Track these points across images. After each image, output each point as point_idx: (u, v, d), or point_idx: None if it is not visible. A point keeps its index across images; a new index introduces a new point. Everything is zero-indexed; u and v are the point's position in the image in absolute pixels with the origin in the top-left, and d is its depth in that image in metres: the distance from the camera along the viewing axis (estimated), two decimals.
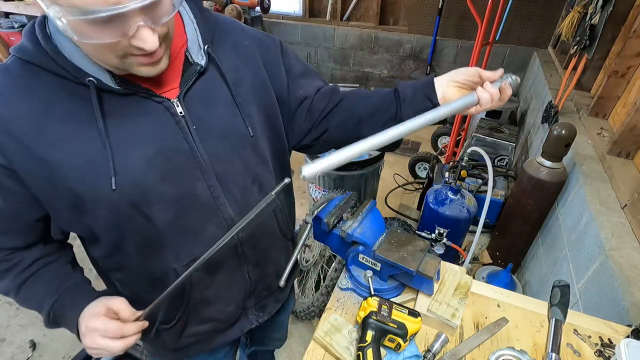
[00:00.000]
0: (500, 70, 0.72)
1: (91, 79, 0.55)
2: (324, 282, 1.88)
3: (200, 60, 0.65)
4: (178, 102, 0.63)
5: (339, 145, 0.79)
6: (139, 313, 0.69)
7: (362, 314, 0.76)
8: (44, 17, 0.57)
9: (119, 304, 0.68)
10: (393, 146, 0.76)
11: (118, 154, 0.59)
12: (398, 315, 0.74)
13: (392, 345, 0.75)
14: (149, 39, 0.50)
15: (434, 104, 0.72)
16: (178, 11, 0.67)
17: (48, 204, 0.62)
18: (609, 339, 0.82)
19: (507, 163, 2.62)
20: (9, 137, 0.55)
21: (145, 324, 0.70)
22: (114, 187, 0.59)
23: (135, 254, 0.70)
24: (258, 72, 0.73)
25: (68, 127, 0.57)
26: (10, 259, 0.69)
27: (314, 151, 0.90)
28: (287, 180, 0.68)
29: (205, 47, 0.65)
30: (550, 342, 0.78)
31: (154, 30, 0.51)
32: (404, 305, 0.78)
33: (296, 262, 0.85)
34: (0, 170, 0.58)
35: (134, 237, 0.67)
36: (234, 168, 0.71)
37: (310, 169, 0.54)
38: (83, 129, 0.57)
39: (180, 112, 0.63)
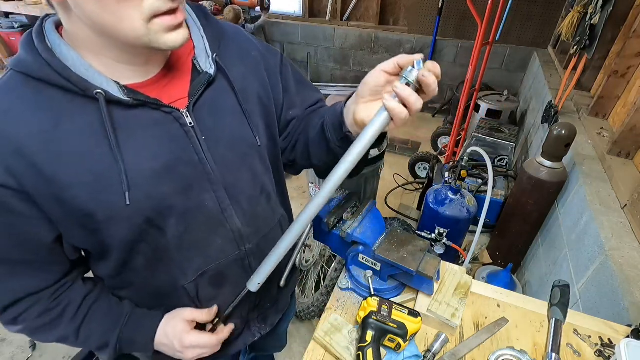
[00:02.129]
0: (411, 57, 0.55)
1: (99, 91, 0.53)
2: (324, 282, 1.88)
3: (209, 69, 0.64)
4: (187, 113, 0.61)
5: (309, 166, 0.82)
6: (212, 312, 0.76)
7: (362, 314, 0.76)
8: (41, 27, 0.55)
9: (190, 313, 0.73)
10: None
11: (130, 168, 0.57)
12: (398, 315, 0.74)
13: (392, 345, 0.75)
14: None
15: (345, 134, 0.65)
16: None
17: (59, 224, 0.59)
18: (609, 339, 0.82)
19: (507, 163, 2.62)
20: (19, 158, 0.52)
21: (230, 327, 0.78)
22: (128, 203, 0.57)
23: (144, 270, 0.69)
24: (262, 83, 0.73)
25: (78, 143, 0.54)
26: (58, 303, 0.66)
27: (292, 171, 0.90)
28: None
29: (214, 56, 0.64)
30: (550, 342, 0.78)
31: None
32: (404, 305, 0.77)
33: (294, 265, 0.85)
34: (14, 194, 0.53)
35: (145, 252, 0.66)
36: (242, 178, 0.70)
37: (254, 281, 0.67)
38: (94, 144, 0.55)
39: (190, 123, 0.61)
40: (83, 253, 0.69)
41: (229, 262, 0.74)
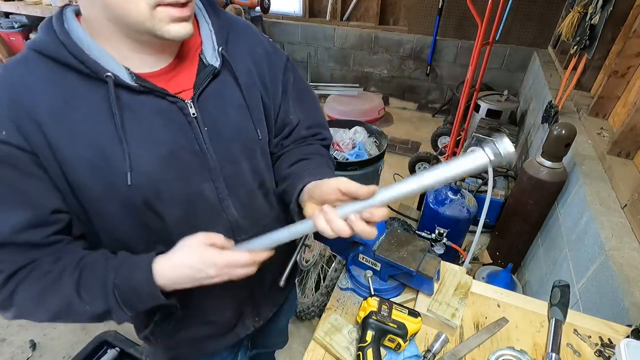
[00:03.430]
0: (368, 189, 0.55)
1: (109, 74, 0.55)
2: (324, 282, 1.88)
3: (215, 62, 0.65)
4: (192, 104, 0.63)
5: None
6: (230, 241, 0.65)
7: (362, 314, 0.76)
8: (61, 12, 0.58)
9: (204, 236, 0.61)
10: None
11: (133, 150, 0.59)
12: (398, 315, 0.74)
13: (392, 345, 0.75)
14: None
15: (295, 215, 0.70)
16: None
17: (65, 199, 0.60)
18: (609, 339, 0.82)
19: (507, 163, 2.62)
20: (31, 122, 0.55)
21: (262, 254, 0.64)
22: (129, 183, 0.59)
23: (144, 251, 0.68)
24: (263, 80, 0.74)
25: (85, 121, 0.57)
26: (56, 262, 0.61)
27: None
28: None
29: (220, 49, 0.66)
30: (550, 342, 0.78)
31: None
32: (404, 305, 0.78)
33: (295, 263, 0.85)
34: (25, 154, 0.56)
35: (144, 234, 0.67)
36: (242, 171, 0.71)
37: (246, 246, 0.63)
38: (100, 123, 0.57)
39: (193, 114, 0.63)
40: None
41: None
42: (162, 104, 0.61)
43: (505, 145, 0.45)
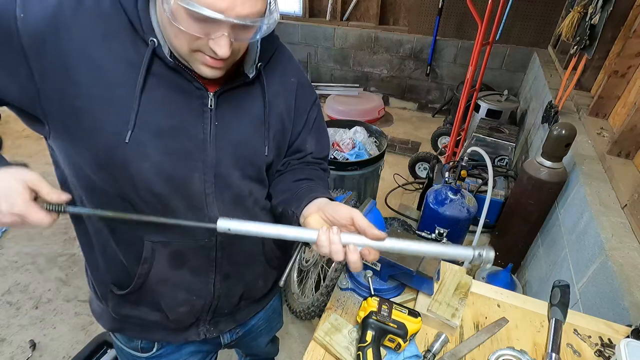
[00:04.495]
0: (378, 234, 0.60)
1: (154, 39, 0.59)
2: (324, 282, 1.88)
3: (250, 73, 0.69)
4: (213, 97, 0.66)
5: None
6: (62, 197, 0.60)
7: (362, 314, 0.76)
8: None
9: (38, 179, 0.59)
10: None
11: (142, 112, 0.61)
12: (398, 315, 0.74)
13: (392, 345, 0.75)
14: (224, 48, 0.56)
15: (295, 215, 0.72)
16: None
17: (41, 94, 0.59)
18: (609, 339, 0.82)
19: (507, 163, 2.62)
20: (54, 36, 0.56)
21: (51, 218, 0.59)
22: (127, 141, 0.60)
23: (108, 206, 0.66)
24: (289, 107, 0.77)
25: (112, 62, 0.59)
26: None
27: None
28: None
29: (258, 65, 0.70)
30: (550, 342, 0.78)
31: (231, 44, 0.57)
32: (404, 305, 0.78)
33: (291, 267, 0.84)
34: (19, 47, 0.56)
35: (114, 193, 0.66)
36: (234, 175, 0.72)
37: (225, 223, 0.60)
38: (125, 71, 0.60)
39: (211, 106, 0.66)
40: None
41: (196, 246, 0.74)
42: (187, 86, 0.64)
43: (489, 256, 0.58)
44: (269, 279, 0.92)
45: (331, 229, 0.60)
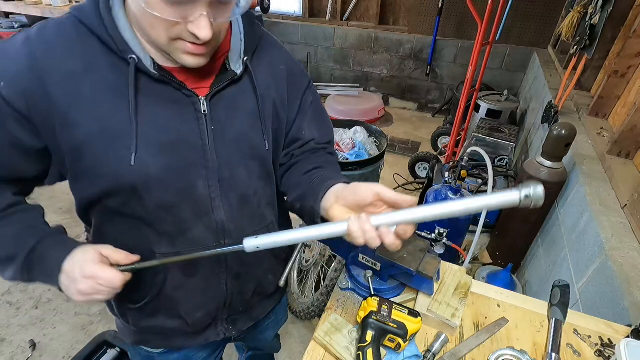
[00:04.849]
0: (411, 199, 0.56)
1: (133, 56, 0.58)
2: (324, 282, 1.88)
3: (237, 69, 0.68)
4: (205, 101, 0.65)
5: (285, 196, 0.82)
6: (132, 258, 0.66)
7: (362, 314, 0.76)
8: None
9: (107, 248, 0.65)
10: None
11: (141, 133, 0.61)
12: (398, 315, 0.74)
13: (392, 345, 0.75)
14: (205, 29, 0.54)
15: (315, 211, 0.68)
16: (230, 21, 0.68)
17: (54, 152, 0.63)
18: (609, 339, 0.82)
19: (507, 163, 2.62)
20: (39, 85, 0.57)
21: (122, 276, 0.64)
22: (132, 163, 0.60)
23: (121, 228, 0.71)
24: (282, 96, 0.76)
25: (101, 93, 0.59)
26: None
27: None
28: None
29: (245, 59, 0.68)
30: (550, 342, 0.78)
31: (212, 24, 0.55)
32: (404, 305, 0.78)
33: (292, 266, 0.84)
34: (16, 114, 0.58)
35: (124, 213, 0.68)
36: (238, 175, 0.72)
37: (252, 242, 0.58)
38: (114, 99, 0.59)
39: (204, 111, 0.65)
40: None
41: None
42: (177, 96, 0.63)
43: (539, 193, 0.49)
44: (277, 272, 0.92)
45: (360, 217, 0.55)
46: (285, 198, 0.81)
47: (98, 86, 0.59)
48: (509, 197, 0.50)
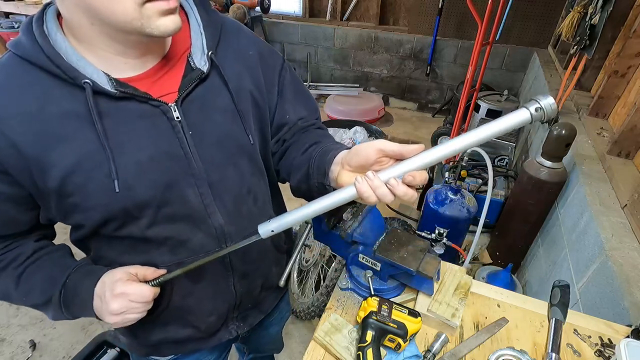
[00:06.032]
0: (415, 147, 0.54)
1: (87, 81, 0.54)
2: (324, 282, 1.88)
3: (203, 66, 0.64)
4: (175, 107, 0.61)
5: (289, 182, 0.81)
6: (159, 272, 0.68)
7: (362, 314, 0.76)
8: (42, 13, 0.56)
9: (136, 267, 0.67)
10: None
11: (118, 157, 0.58)
12: (398, 315, 0.74)
13: (392, 345, 0.75)
14: None
15: (324, 185, 0.65)
16: (185, 14, 0.66)
17: (38, 198, 0.62)
18: (609, 339, 0.82)
19: (507, 163, 2.62)
20: (1, 137, 0.54)
21: (152, 289, 0.67)
22: (117, 190, 0.58)
23: (120, 249, 0.70)
24: (257, 83, 0.72)
25: (63, 126, 0.56)
26: (7, 256, 0.66)
27: (278, 179, 0.88)
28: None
29: (209, 54, 0.64)
30: (550, 342, 0.78)
31: None
32: (404, 305, 0.77)
33: (293, 265, 0.84)
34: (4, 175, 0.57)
35: (121, 236, 0.67)
36: (228, 176, 0.70)
37: (267, 227, 0.59)
38: (80, 129, 0.56)
39: (177, 117, 0.62)
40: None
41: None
42: (145, 108, 0.60)
43: (548, 101, 0.47)
44: (280, 263, 0.92)
45: (366, 175, 0.53)
46: (289, 183, 0.79)
47: (60, 121, 0.55)
48: (518, 116, 0.48)
